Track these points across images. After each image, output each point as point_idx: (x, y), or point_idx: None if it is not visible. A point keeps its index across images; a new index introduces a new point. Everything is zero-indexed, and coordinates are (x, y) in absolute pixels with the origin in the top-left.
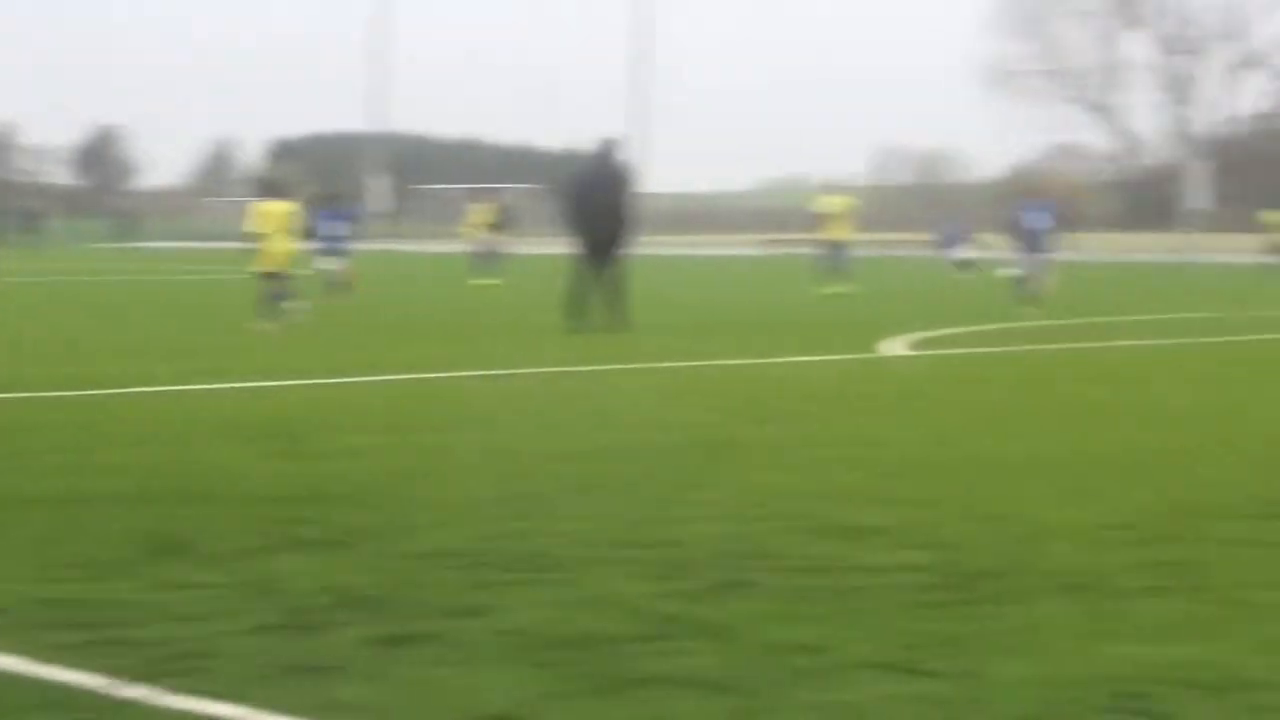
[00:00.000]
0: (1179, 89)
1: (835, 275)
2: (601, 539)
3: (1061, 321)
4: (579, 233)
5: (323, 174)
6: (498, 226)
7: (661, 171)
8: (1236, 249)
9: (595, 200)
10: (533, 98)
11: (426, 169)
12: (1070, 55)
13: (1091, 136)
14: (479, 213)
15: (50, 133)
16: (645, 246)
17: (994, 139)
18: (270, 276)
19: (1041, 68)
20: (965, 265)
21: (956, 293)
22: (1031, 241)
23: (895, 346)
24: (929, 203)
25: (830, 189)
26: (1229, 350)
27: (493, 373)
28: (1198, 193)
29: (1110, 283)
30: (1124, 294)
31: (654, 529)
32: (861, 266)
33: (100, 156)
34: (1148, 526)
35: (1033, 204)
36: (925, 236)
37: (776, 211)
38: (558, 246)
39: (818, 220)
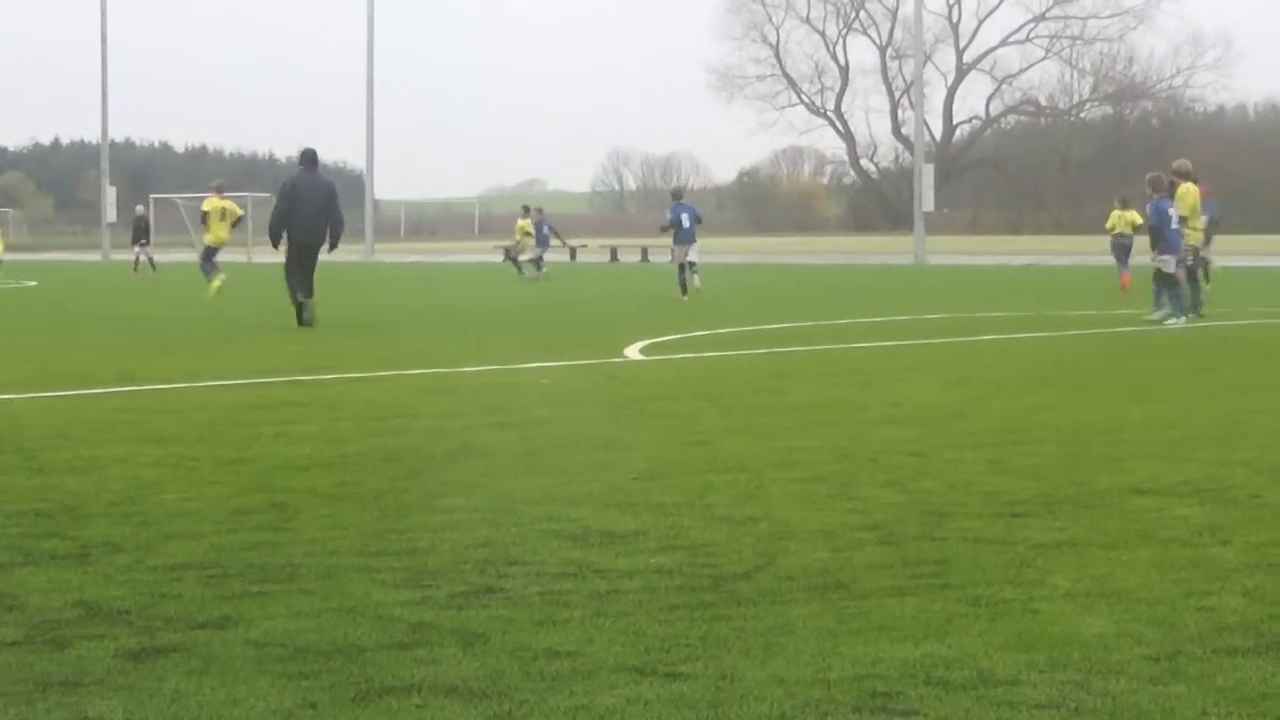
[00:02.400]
0: (904, 93)
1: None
2: (348, 548)
3: (790, 325)
4: (290, 237)
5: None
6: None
7: (394, 180)
8: (960, 250)
9: (305, 206)
10: (266, 106)
11: (160, 178)
12: (796, 60)
13: (821, 140)
14: None
15: None
16: (379, 254)
17: (727, 143)
18: None
19: (768, 72)
20: (532, 264)
21: (664, 299)
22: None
23: (633, 351)
24: (661, 207)
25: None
26: (965, 349)
27: (236, 382)
28: (925, 195)
29: (834, 286)
30: (856, 295)
31: (401, 537)
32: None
33: None
34: (893, 527)
35: (683, 207)
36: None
37: (513, 217)
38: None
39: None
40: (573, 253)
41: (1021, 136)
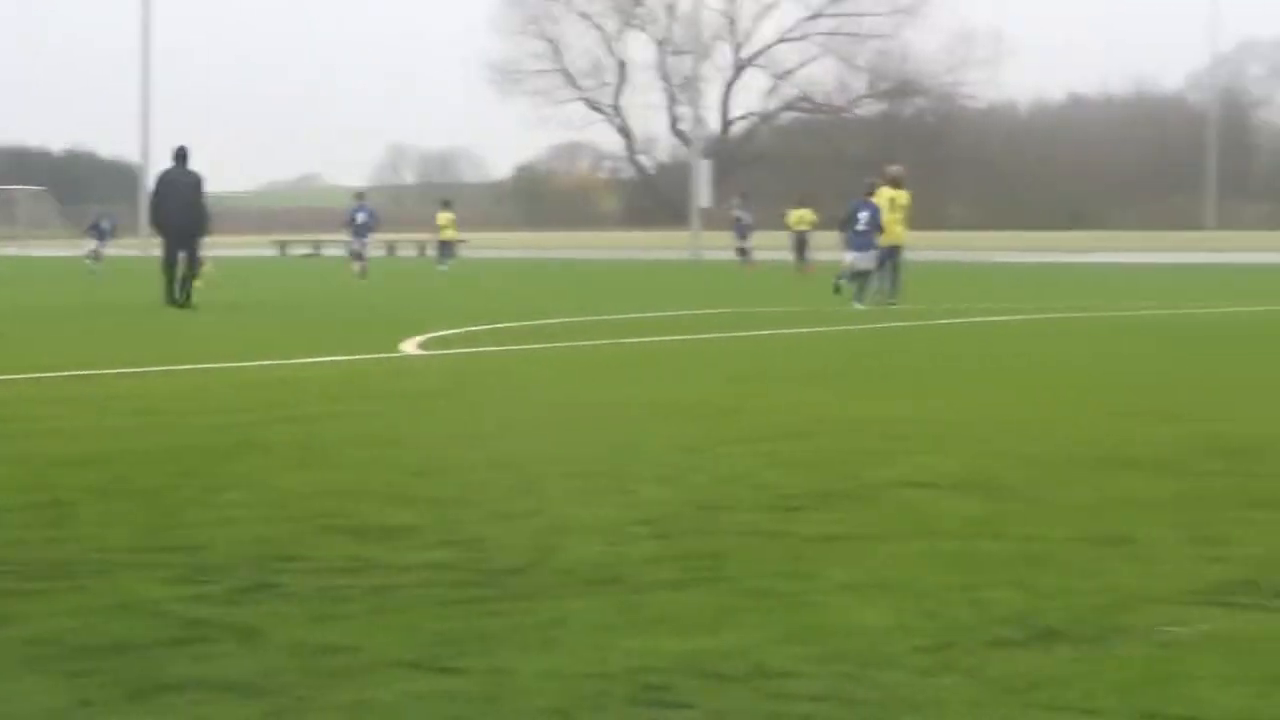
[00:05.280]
0: (681, 89)
1: None
2: (124, 544)
3: (568, 319)
4: (163, 227)
5: None
6: None
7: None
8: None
9: (171, 198)
10: (38, 99)
11: None
12: (575, 56)
13: (599, 136)
14: None
15: None
16: (156, 249)
17: (505, 138)
18: None
19: (547, 68)
20: (94, 256)
21: (454, 293)
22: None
23: (409, 346)
24: (433, 204)
25: None
26: (741, 344)
27: (9, 377)
28: (702, 191)
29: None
30: (633, 290)
31: (179, 533)
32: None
33: None
34: (669, 521)
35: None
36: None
37: (290, 212)
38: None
39: None
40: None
41: (798, 133)
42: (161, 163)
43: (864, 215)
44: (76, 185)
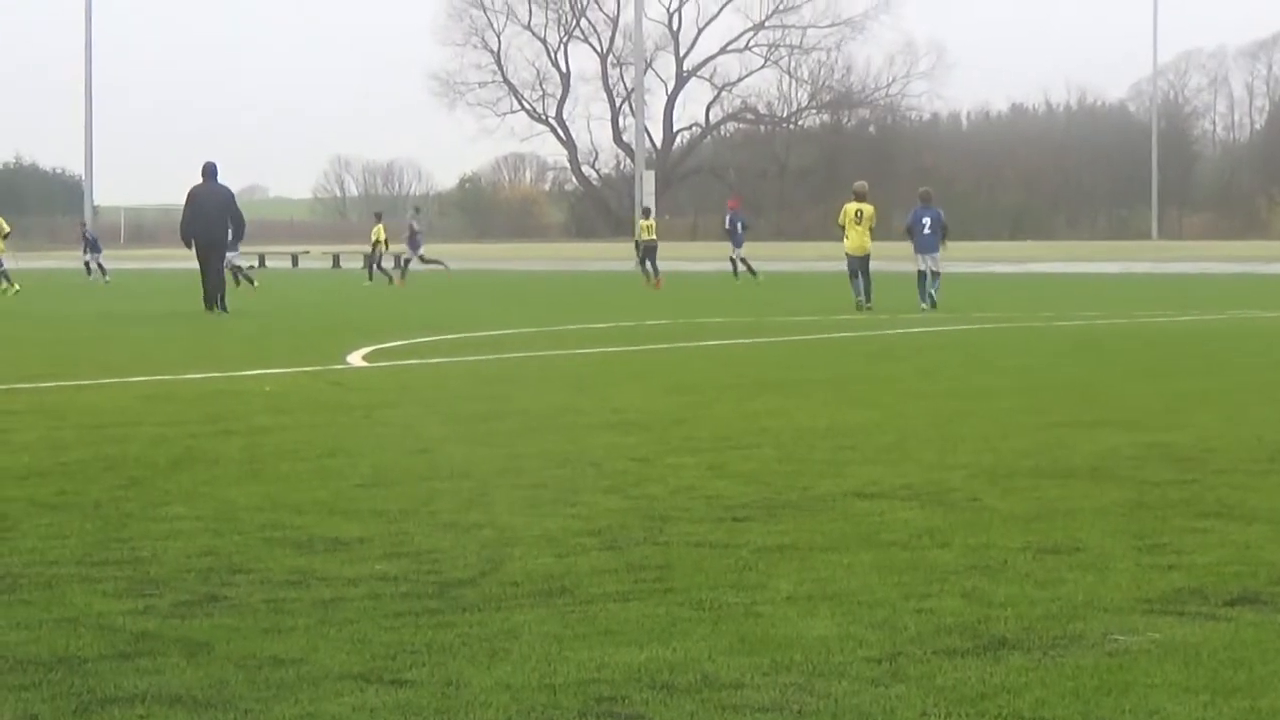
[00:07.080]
0: (624, 100)
1: None
2: (69, 558)
3: (513, 331)
4: (194, 237)
5: None
6: None
7: (113, 185)
8: (681, 256)
9: (203, 211)
10: None
11: None
12: (518, 67)
13: (543, 147)
14: None
15: None
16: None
17: (448, 150)
18: None
19: (490, 79)
20: (99, 269)
21: (391, 303)
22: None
23: (355, 358)
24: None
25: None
26: (686, 355)
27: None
28: (646, 202)
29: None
30: (578, 301)
31: (123, 546)
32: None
33: None
34: (616, 532)
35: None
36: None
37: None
38: None
39: None
40: (294, 259)
41: (741, 144)
42: (105, 175)
43: (927, 220)
44: (18, 198)
